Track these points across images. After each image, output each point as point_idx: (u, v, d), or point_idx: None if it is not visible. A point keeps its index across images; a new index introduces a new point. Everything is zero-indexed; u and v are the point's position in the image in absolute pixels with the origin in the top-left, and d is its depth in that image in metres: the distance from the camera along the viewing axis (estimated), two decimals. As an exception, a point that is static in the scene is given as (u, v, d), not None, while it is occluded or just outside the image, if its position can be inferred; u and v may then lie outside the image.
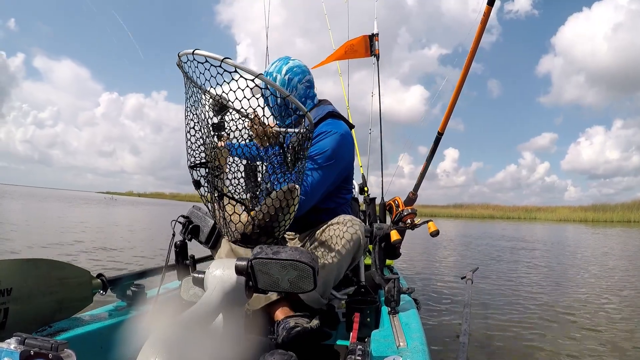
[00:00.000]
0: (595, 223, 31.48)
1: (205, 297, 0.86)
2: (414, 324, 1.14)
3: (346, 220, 1.51)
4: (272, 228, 1.16)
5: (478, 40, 1.61)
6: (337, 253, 1.45)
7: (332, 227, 1.52)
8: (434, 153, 2.01)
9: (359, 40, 2.76)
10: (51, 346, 0.61)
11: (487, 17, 1.59)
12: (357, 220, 1.54)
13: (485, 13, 1.58)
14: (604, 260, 7.39)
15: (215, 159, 1.18)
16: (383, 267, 1.59)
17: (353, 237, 1.48)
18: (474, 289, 3.84)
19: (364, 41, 2.75)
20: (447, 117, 1.95)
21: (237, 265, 0.89)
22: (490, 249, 8.81)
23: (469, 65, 1.75)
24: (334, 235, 1.49)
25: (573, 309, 3.37)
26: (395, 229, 1.54)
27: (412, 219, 1.59)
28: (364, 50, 2.77)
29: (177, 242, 1.55)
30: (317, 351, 1.27)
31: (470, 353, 2.25)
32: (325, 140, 1.51)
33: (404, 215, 1.60)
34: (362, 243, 1.52)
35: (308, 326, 1.26)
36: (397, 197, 1.70)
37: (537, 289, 4.24)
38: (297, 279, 0.88)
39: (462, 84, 1.85)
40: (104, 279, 1.33)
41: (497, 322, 2.90)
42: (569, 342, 2.50)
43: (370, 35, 2.77)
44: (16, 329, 0.72)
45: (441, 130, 1.97)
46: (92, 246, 6.25)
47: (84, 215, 15.56)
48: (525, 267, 6.08)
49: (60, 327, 1.11)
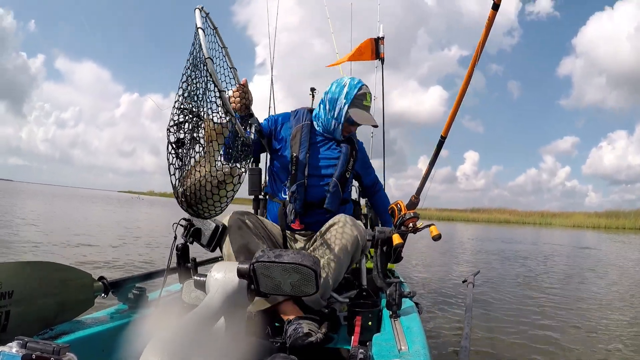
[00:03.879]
0: (608, 230, 31.41)
1: (206, 300, 0.86)
2: (415, 328, 1.14)
3: (344, 221, 1.52)
4: (196, 204, 1.21)
5: (482, 45, 1.61)
6: (337, 253, 1.46)
7: (331, 228, 1.53)
8: (436, 157, 2.01)
9: (366, 44, 2.79)
10: (53, 349, 0.61)
11: (491, 22, 1.59)
12: (356, 220, 1.55)
13: (490, 17, 1.58)
14: (604, 267, 7.37)
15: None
16: (385, 270, 1.59)
17: (352, 237, 1.48)
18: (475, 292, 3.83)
19: (371, 44, 2.77)
20: (450, 121, 1.95)
21: (239, 268, 0.89)
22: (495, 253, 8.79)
23: (472, 70, 1.75)
24: (332, 236, 1.49)
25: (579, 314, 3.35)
26: (397, 233, 1.54)
27: (414, 223, 1.59)
28: (370, 54, 2.79)
29: (179, 245, 1.54)
30: (319, 355, 1.26)
31: (472, 357, 2.24)
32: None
33: (406, 219, 1.59)
34: (362, 243, 1.53)
35: (322, 335, 1.25)
36: (400, 201, 1.70)
37: (540, 292, 4.23)
38: (299, 283, 0.88)
39: (465, 88, 1.85)
40: (105, 281, 1.33)
41: (499, 325, 2.89)
42: (573, 346, 2.49)
43: (375, 39, 2.79)
44: (18, 332, 0.72)
45: (444, 134, 1.97)
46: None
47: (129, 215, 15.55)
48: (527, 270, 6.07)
49: (62, 330, 1.11)
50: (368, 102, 1.72)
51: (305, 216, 1.65)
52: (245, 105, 1.49)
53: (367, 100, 1.71)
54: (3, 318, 0.97)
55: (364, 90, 1.70)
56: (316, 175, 1.69)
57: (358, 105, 1.68)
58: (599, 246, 13.31)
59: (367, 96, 1.71)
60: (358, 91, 1.68)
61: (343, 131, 1.71)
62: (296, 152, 1.68)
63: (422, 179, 2.05)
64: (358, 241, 1.50)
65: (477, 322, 2.94)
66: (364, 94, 1.70)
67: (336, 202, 1.67)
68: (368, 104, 1.72)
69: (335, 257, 1.46)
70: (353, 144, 1.78)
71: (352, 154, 1.75)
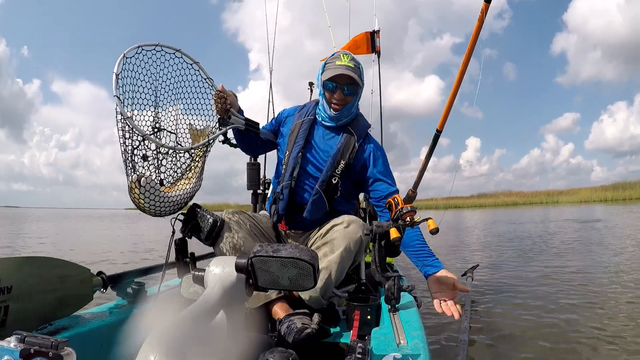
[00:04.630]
0: (615, 202, 31.58)
1: (205, 294, 0.86)
2: (414, 322, 1.14)
3: (348, 221, 1.51)
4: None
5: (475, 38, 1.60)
6: (339, 254, 1.45)
7: (334, 228, 1.52)
8: (432, 151, 2.00)
9: (362, 37, 2.78)
10: (51, 344, 0.60)
11: (484, 14, 1.58)
12: (359, 220, 1.54)
13: (483, 10, 1.57)
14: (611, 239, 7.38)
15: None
16: (383, 264, 1.59)
17: (355, 237, 1.47)
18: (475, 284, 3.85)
19: (366, 38, 2.76)
20: (446, 114, 1.94)
21: (237, 263, 0.89)
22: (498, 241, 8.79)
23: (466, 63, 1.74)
24: (336, 236, 1.49)
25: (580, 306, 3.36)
26: (394, 227, 1.54)
27: (412, 217, 1.58)
28: (366, 47, 2.78)
29: (177, 240, 1.55)
30: (317, 349, 1.27)
31: (471, 351, 2.25)
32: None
33: (403, 213, 1.59)
34: (365, 244, 1.53)
35: (316, 326, 1.26)
36: (397, 195, 1.70)
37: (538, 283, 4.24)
38: (298, 277, 0.88)
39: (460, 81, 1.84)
40: (104, 276, 1.33)
41: (498, 319, 2.90)
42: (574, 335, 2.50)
43: (371, 32, 2.77)
44: (16, 327, 0.72)
45: (440, 127, 1.96)
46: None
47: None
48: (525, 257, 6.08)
49: (61, 325, 1.11)
50: (343, 61, 1.56)
51: (290, 220, 1.64)
52: (225, 109, 1.52)
53: (341, 60, 1.57)
54: (2, 313, 0.97)
55: (337, 53, 1.61)
56: (305, 178, 1.62)
57: (330, 67, 1.58)
58: (608, 218, 13.31)
59: (341, 56, 1.58)
60: (331, 56, 1.61)
61: (331, 105, 1.60)
62: (289, 150, 1.64)
63: (419, 173, 2.04)
64: (362, 242, 1.50)
65: (476, 316, 2.96)
66: (338, 55, 1.59)
67: (320, 212, 1.59)
68: (342, 62, 1.56)
69: (338, 257, 1.45)
70: (351, 142, 1.61)
71: (345, 154, 1.59)
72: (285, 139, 1.70)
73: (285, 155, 1.65)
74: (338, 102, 1.59)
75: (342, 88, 1.57)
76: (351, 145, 1.60)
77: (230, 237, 1.49)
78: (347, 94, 1.58)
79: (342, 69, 1.54)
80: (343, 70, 1.54)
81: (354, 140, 1.62)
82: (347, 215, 1.54)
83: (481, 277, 4.52)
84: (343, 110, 1.60)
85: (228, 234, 1.49)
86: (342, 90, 1.57)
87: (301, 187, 1.62)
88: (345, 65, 1.55)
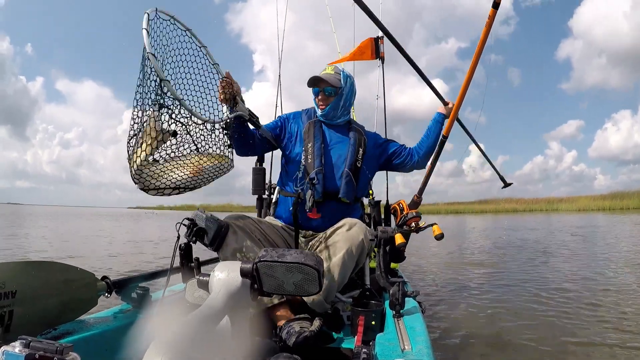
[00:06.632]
0: (613, 211, 31.48)
1: (210, 299, 0.86)
2: (418, 328, 1.13)
3: (350, 224, 1.51)
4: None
5: (483, 44, 1.61)
6: (342, 257, 1.45)
7: (338, 231, 1.52)
8: (438, 156, 2.00)
9: (366, 43, 2.78)
10: (56, 349, 0.60)
11: (492, 20, 1.58)
12: (361, 223, 1.54)
13: (490, 16, 1.57)
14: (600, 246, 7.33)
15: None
16: (388, 270, 1.58)
17: (357, 240, 1.47)
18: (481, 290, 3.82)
19: (370, 44, 2.76)
20: (452, 121, 1.95)
21: (242, 267, 0.88)
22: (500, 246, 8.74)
23: (473, 68, 1.75)
24: (339, 239, 1.49)
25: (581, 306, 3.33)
26: (399, 233, 1.53)
27: (417, 222, 1.58)
28: (371, 53, 2.78)
29: (182, 245, 1.55)
30: (322, 354, 1.26)
31: (473, 354, 2.23)
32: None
33: (408, 218, 1.59)
34: (367, 247, 1.52)
35: (314, 329, 1.26)
36: (402, 201, 1.70)
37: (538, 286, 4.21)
38: (302, 282, 0.88)
39: (466, 87, 1.84)
40: (108, 281, 1.33)
41: (504, 325, 2.88)
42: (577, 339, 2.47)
43: (375, 38, 2.78)
44: (21, 332, 0.72)
45: (446, 133, 1.97)
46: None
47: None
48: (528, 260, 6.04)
49: (65, 330, 1.11)
50: (324, 70, 1.84)
51: (323, 205, 1.67)
52: (232, 96, 1.53)
53: (325, 70, 1.83)
54: (6, 318, 0.97)
55: (327, 68, 1.85)
56: (330, 166, 1.73)
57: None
58: (599, 229, 13.34)
59: (326, 67, 1.85)
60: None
61: (319, 106, 1.81)
62: (311, 142, 1.74)
63: (425, 178, 2.04)
64: (364, 245, 1.50)
65: (482, 322, 2.93)
66: (325, 68, 1.85)
67: (351, 192, 1.71)
68: (323, 71, 1.83)
69: (341, 261, 1.45)
70: (361, 134, 1.84)
71: (361, 143, 1.80)
72: (300, 137, 1.79)
73: (306, 147, 1.74)
74: (321, 101, 1.81)
75: (323, 90, 1.79)
76: (362, 136, 1.84)
77: (234, 242, 1.48)
78: (328, 94, 1.80)
79: (316, 74, 1.79)
80: (316, 75, 1.79)
81: (360, 132, 1.86)
82: (350, 219, 1.55)
83: (486, 281, 4.49)
84: (328, 108, 1.80)
85: (233, 239, 1.49)
86: (323, 91, 1.80)
87: (326, 175, 1.71)
88: (324, 73, 1.81)
